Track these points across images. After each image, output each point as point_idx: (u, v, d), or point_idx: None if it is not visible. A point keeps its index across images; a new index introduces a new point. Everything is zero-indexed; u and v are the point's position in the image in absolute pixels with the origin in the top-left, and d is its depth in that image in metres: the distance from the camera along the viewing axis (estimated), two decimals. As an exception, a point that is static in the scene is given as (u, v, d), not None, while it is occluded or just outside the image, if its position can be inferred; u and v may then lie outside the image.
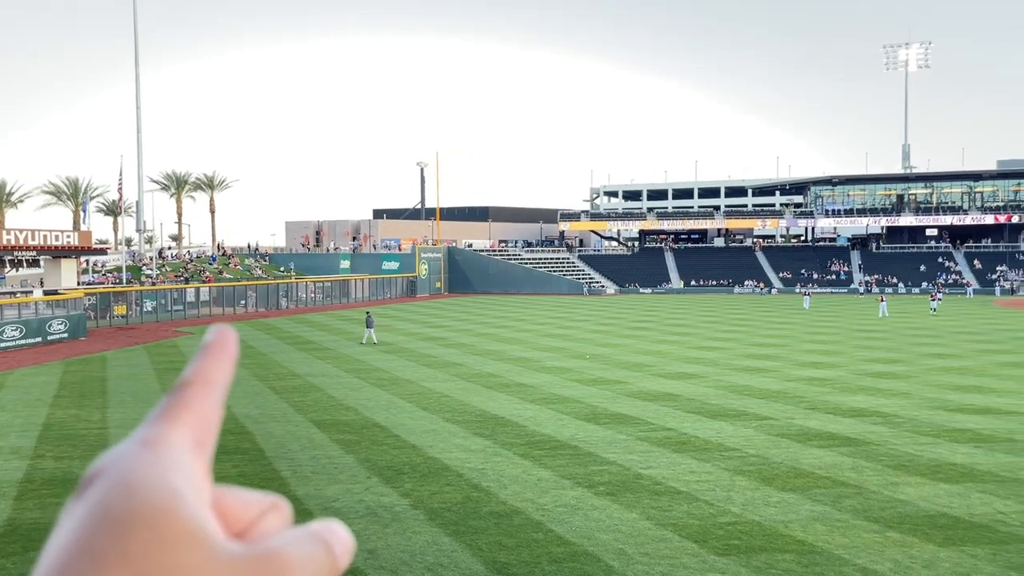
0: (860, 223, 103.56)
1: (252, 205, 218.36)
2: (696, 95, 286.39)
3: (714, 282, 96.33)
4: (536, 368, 32.85)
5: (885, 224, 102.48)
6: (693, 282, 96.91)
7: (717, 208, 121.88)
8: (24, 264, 55.52)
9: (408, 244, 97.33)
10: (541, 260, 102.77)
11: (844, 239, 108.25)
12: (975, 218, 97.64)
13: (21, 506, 15.51)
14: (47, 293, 50.39)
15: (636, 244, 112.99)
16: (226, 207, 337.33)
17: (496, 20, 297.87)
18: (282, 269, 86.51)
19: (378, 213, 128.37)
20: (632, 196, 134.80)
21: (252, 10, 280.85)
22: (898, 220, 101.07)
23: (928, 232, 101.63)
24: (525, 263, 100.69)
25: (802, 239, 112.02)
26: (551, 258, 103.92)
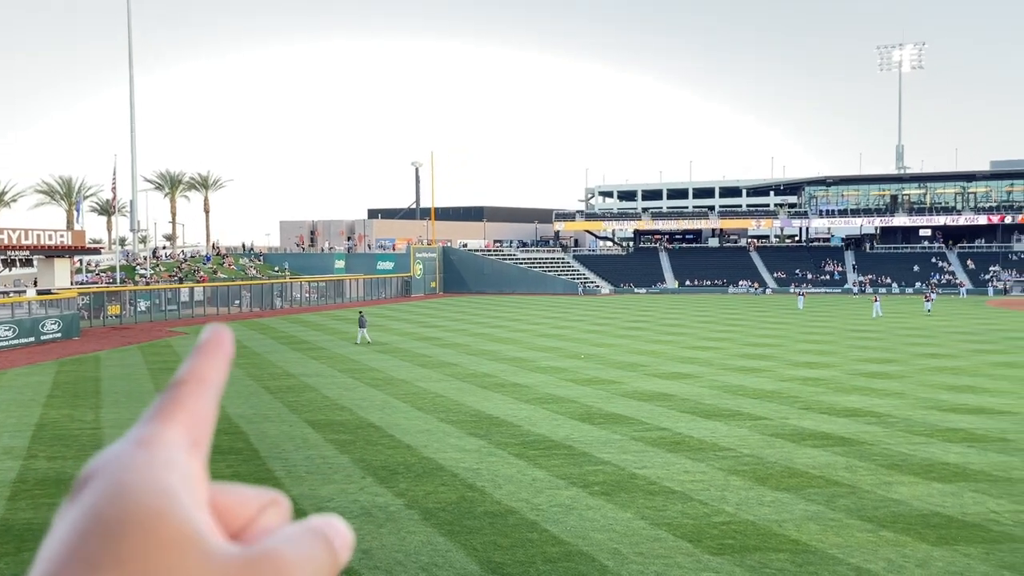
0: (854, 223, 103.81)
1: (246, 205, 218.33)
2: (691, 96, 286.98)
3: (709, 282, 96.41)
4: (531, 368, 32.85)
5: (879, 224, 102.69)
6: (688, 282, 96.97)
7: (712, 208, 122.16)
8: (17, 264, 55.34)
9: (403, 244, 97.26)
10: (536, 260, 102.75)
11: (838, 239, 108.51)
12: (968, 218, 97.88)
13: (14, 506, 15.48)
14: (40, 293, 50.28)
15: (631, 244, 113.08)
16: (220, 207, 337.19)
17: (491, 21, 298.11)
18: (276, 269, 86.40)
19: (373, 213, 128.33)
20: (627, 196, 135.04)
21: (247, 11, 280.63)
22: (892, 220, 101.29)
23: (922, 232, 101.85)
24: (520, 263, 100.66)
25: (796, 239, 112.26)
26: (546, 258, 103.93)
